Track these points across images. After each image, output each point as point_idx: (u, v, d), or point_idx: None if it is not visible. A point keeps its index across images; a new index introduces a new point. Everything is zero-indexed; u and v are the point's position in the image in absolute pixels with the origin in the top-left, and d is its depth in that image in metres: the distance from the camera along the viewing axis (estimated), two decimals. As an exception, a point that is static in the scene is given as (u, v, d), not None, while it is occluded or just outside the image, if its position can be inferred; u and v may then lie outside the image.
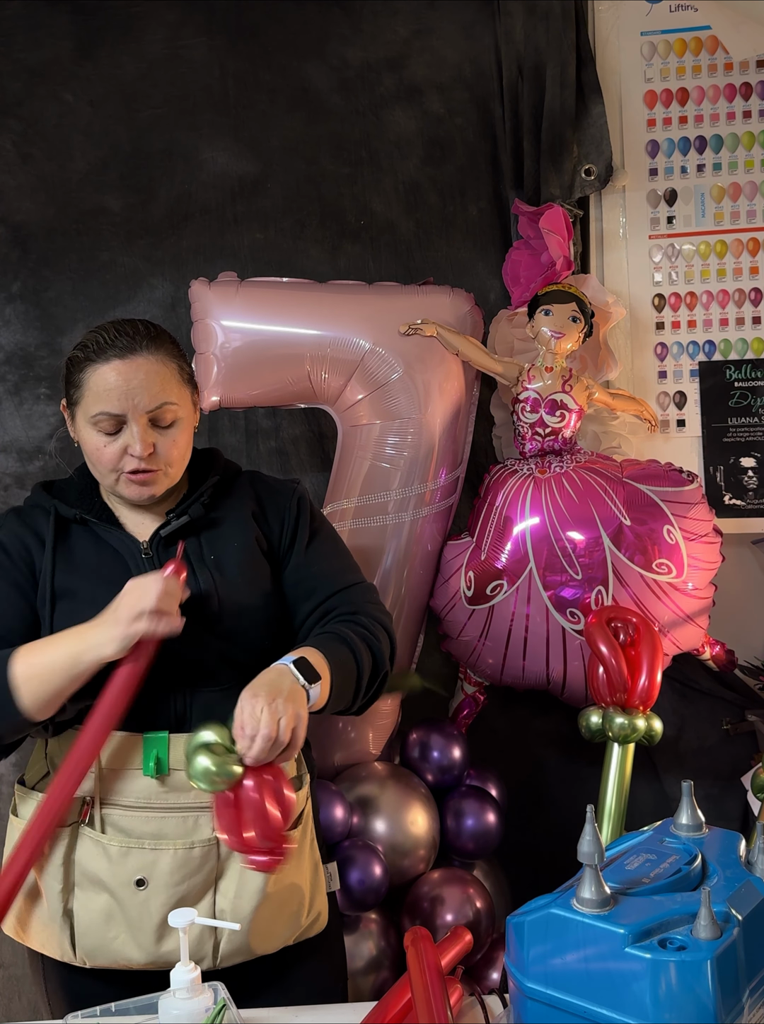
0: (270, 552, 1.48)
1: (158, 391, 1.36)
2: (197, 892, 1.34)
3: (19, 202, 2.24)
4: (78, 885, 1.36)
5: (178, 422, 1.40)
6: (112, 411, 1.35)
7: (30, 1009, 2.26)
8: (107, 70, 2.25)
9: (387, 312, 1.98)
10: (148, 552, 1.40)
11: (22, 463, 2.25)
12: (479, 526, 2.07)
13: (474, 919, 1.91)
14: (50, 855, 1.36)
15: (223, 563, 1.42)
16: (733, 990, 0.88)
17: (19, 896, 1.41)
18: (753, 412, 2.24)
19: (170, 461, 1.40)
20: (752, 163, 2.25)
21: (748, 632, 2.24)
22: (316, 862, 1.48)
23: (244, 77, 2.27)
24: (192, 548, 1.41)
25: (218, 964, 1.35)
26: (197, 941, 1.34)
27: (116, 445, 1.37)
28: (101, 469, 1.40)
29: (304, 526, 1.50)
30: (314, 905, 1.45)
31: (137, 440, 1.35)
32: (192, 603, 1.36)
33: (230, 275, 2.04)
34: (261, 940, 1.38)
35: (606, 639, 1.84)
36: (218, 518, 1.45)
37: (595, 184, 2.20)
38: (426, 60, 2.28)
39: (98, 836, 1.34)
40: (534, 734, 2.30)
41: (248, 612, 1.41)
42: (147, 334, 1.39)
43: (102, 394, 1.35)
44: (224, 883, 1.35)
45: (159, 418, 1.38)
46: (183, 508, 1.43)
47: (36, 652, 1.30)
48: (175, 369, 1.41)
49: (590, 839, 0.94)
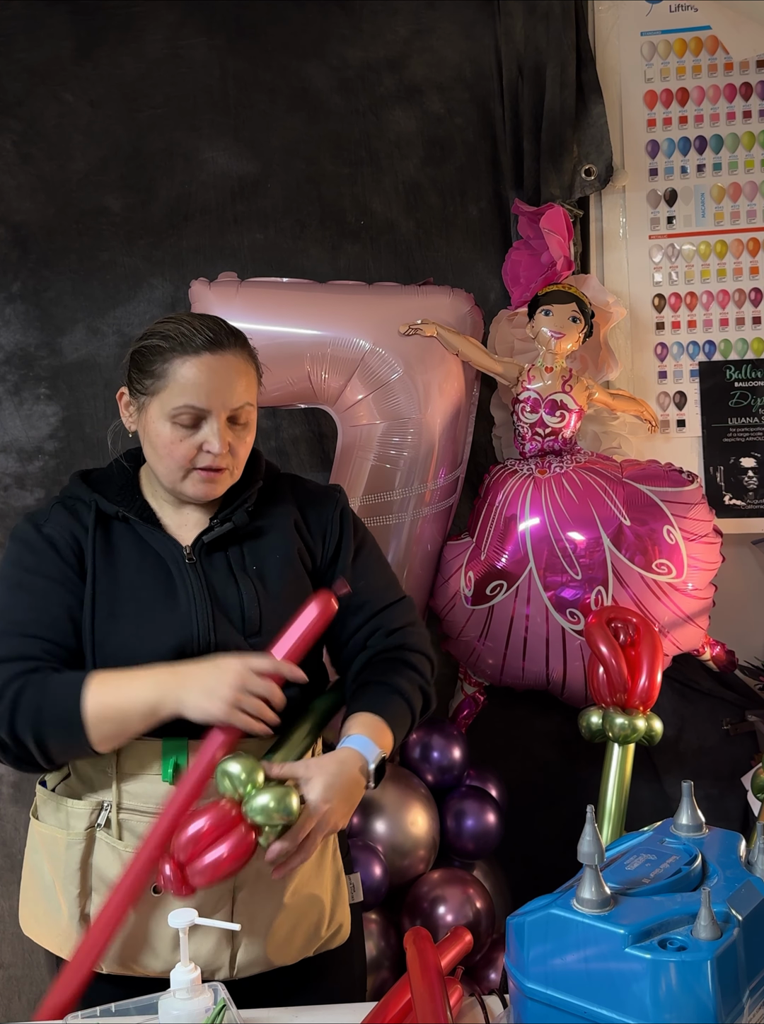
0: (312, 564, 1.45)
1: (243, 390, 1.35)
2: (214, 901, 1.32)
3: (19, 202, 2.24)
4: (95, 890, 1.34)
5: (250, 424, 1.39)
6: (198, 405, 1.31)
7: (30, 1009, 2.26)
8: (107, 70, 2.25)
9: (387, 312, 1.98)
10: (192, 558, 1.37)
11: (22, 463, 2.25)
12: (479, 526, 2.07)
13: (474, 919, 1.91)
14: (66, 859, 1.35)
15: (265, 573, 1.39)
16: (733, 990, 0.88)
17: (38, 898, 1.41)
18: (753, 412, 2.24)
19: (238, 462, 1.38)
20: (752, 163, 2.25)
21: (748, 632, 2.24)
22: (338, 872, 1.46)
23: (244, 77, 2.27)
24: (234, 556, 1.39)
25: (235, 974, 1.33)
26: (214, 951, 1.32)
27: (192, 440, 1.33)
28: (170, 464, 1.35)
29: (348, 540, 1.47)
30: (335, 917, 1.43)
31: (217, 437, 1.32)
32: (231, 612, 1.35)
33: (230, 275, 2.04)
34: (279, 951, 1.36)
35: (606, 639, 1.83)
36: (261, 527, 1.42)
37: (595, 184, 2.20)
38: (426, 60, 2.28)
39: (114, 842, 1.33)
40: (534, 734, 2.30)
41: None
42: (231, 331, 1.37)
43: (189, 388, 1.31)
44: (242, 893, 1.33)
45: (238, 417, 1.36)
46: (227, 514, 1.40)
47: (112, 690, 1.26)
48: (255, 370, 1.40)
49: (590, 839, 0.94)
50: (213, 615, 1.34)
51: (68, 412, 2.24)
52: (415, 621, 1.49)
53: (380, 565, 1.52)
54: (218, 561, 1.38)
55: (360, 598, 1.44)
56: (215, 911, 1.32)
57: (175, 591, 1.34)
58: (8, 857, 2.26)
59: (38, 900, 1.42)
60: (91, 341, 2.25)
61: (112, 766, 1.33)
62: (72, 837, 1.35)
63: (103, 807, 1.34)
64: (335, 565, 1.46)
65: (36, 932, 1.44)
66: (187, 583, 1.35)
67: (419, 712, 1.40)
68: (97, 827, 1.34)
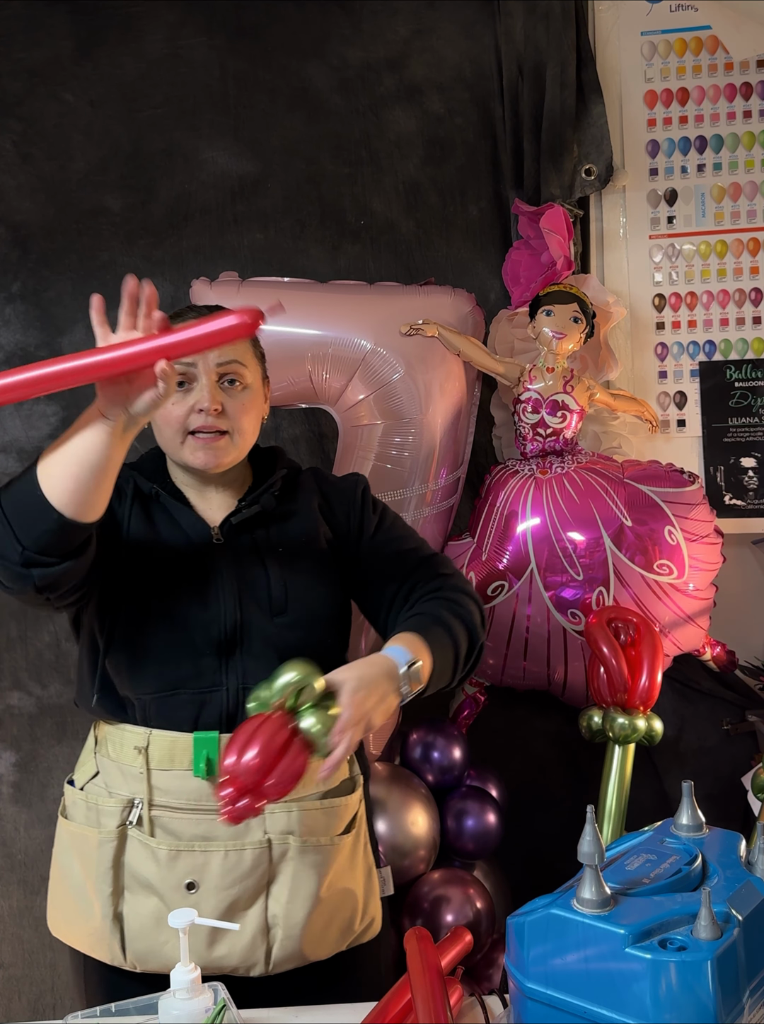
0: (338, 545, 1.46)
1: (229, 348, 1.35)
2: (248, 896, 1.32)
3: (19, 202, 2.24)
4: (127, 889, 1.34)
5: (248, 390, 1.40)
6: (184, 360, 1.33)
7: (30, 1009, 2.26)
8: (107, 70, 2.25)
9: (388, 312, 1.98)
10: (219, 538, 1.39)
11: (22, 463, 2.24)
12: (480, 527, 2.07)
13: (474, 919, 1.91)
14: (98, 858, 1.34)
15: (292, 556, 1.40)
16: (733, 990, 0.88)
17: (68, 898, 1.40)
18: (753, 412, 2.24)
19: (238, 427, 1.38)
20: (752, 163, 2.25)
21: (749, 632, 2.24)
22: (370, 866, 1.46)
23: (244, 77, 2.27)
24: (261, 539, 1.40)
25: (270, 970, 1.33)
26: (249, 947, 1.32)
27: (185, 403, 1.35)
28: (168, 432, 1.38)
29: (369, 513, 1.49)
30: (368, 910, 1.44)
31: (206, 392, 1.34)
32: (258, 592, 1.36)
33: (231, 275, 2.04)
34: (314, 946, 1.36)
35: (607, 639, 1.83)
36: (287, 511, 1.44)
37: (595, 184, 2.20)
38: (426, 60, 2.28)
39: (147, 839, 1.32)
40: (534, 734, 2.30)
41: (315, 607, 1.39)
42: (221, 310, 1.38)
43: None
44: (276, 888, 1.33)
45: (230, 375, 1.37)
46: (254, 497, 1.41)
47: (53, 448, 1.21)
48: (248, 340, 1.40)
49: (590, 839, 0.94)
50: (239, 595, 1.35)
51: (68, 412, 2.24)
52: (454, 572, 1.47)
53: (407, 531, 1.52)
54: (245, 542, 1.39)
55: (394, 561, 1.45)
56: (249, 906, 1.32)
57: (202, 570, 1.36)
58: (8, 857, 2.26)
59: (68, 900, 1.41)
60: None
61: (142, 761, 1.33)
62: (104, 835, 1.34)
63: (134, 804, 1.34)
64: (361, 538, 1.47)
65: (65, 933, 1.43)
66: (215, 563, 1.37)
67: (464, 644, 1.35)
68: (128, 825, 1.34)
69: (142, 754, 1.33)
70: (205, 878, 1.31)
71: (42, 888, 2.25)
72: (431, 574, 1.43)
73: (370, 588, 1.46)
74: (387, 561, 1.45)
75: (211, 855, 1.31)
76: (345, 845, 1.39)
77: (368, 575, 1.46)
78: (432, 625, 1.34)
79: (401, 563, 1.45)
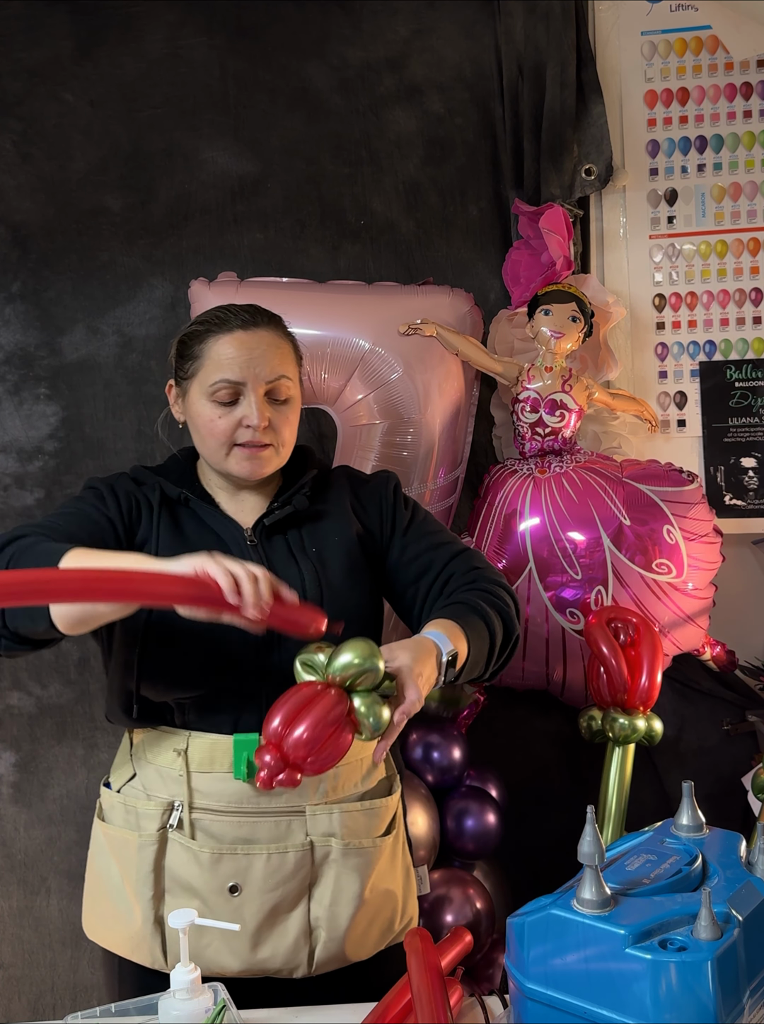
0: (371, 543, 1.46)
1: (277, 363, 1.38)
2: (291, 899, 1.32)
3: (19, 202, 2.24)
4: (169, 892, 1.34)
5: (291, 401, 1.41)
6: (232, 378, 1.35)
7: (30, 1009, 2.26)
8: (107, 70, 2.25)
9: (387, 312, 1.98)
10: (253, 540, 1.39)
11: (22, 463, 2.24)
12: (479, 526, 2.07)
13: (474, 919, 1.91)
14: (139, 862, 1.34)
15: (325, 556, 1.40)
16: (733, 991, 0.88)
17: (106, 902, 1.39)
18: (753, 412, 2.24)
19: (282, 440, 1.40)
20: (752, 163, 2.25)
21: (748, 632, 2.24)
22: (407, 866, 1.47)
23: (244, 77, 2.27)
24: (294, 540, 1.41)
25: (313, 971, 1.33)
26: (292, 949, 1.32)
27: (231, 417, 1.36)
28: (212, 443, 1.38)
29: (401, 508, 1.50)
30: (407, 910, 1.44)
31: (254, 410, 1.35)
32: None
33: (230, 275, 2.04)
34: (356, 947, 1.36)
35: (606, 639, 1.83)
36: (319, 511, 1.45)
37: (595, 184, 2.20)
38: (426, 60, 2.28)
39: (188, 842, 1.32)
40: (534, 734, 2.30)
41: (349, 606, 1.38)
42: (267, 313, 1.42)
43: (223, 362, 1.35)
44: (318, 890, 1.33)
45: (276, 391, 1.38)
46: (287, 498, 1.42)
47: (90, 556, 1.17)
48: (291, 348, 1.43)
49: (590, 840, 0.94)
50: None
51: (68, 412, 2.24)
52: (488, 565, 1.47)
53: (438, 526, 1.52)
54: (278, 544, 1.40)
55: (428, 555, 1.44)
56: (292, 908, 1.32)
57: None
58: (8, 857, 2.26)
59: (106, 904, 1.41)
60: (91, 341, 2.25)
61: (182, 764, 1.32)
62: (144, 839, 1.34)
63: (174, 807, 1.33)
64: (393, 535, 1.47)
65: (104, 937, 1.42)
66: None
67: (499, 632, 1.34)
68: (169, 828, 1.33)
69: (181, 756, 1.33)
70: (248, 881, 1.31)
71: (41, 888, 2.26)
72: (465, 567, 1.42)
73: (404, 584, 1.45)
74: (420, 557, 1.45)
75: (254, 858, 1.31)
76: (386, 846, 1.39)
77: (401, 571, 1.45)
78: (469, 614, 1.33)
79: (435, 558, 1.44)
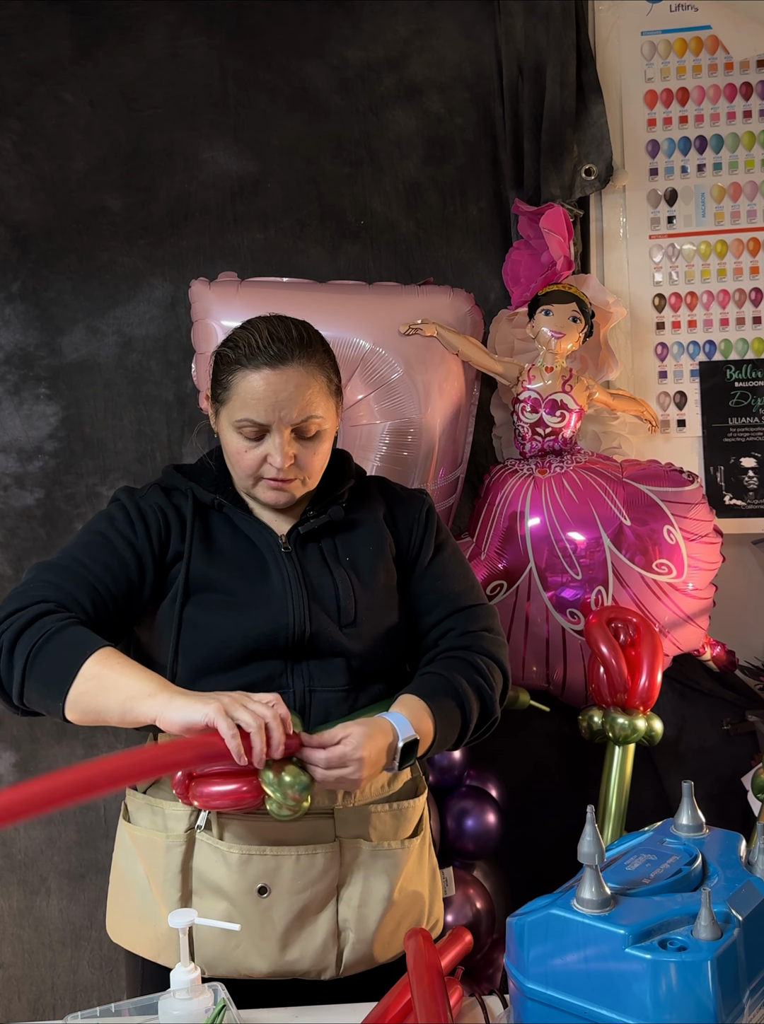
0: (399, 558, 1.46)
1: (305, 404, 1.34)
2: (320, 900, 1.32)
3: (19, 202, 2.24)
4: (196, 893, 1.33)
5: (321, 434, 1.38)
6: (257, 420, 1.33)
7: (30, 1009, 2.26)
8: (107, 70, 2.25)
9: (387, 312, 1.98)
10: (287, 547, 1.39)
11: (22, 463, 2.25)
12: (479, 526, 2.07)
13: (474, 919, 1.91)
14: (166, 863, 1.33)
15: (359, 565, 1.40)
16: (733, 991, 0.88)
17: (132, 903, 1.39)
18: (753, 412, 2.24)
19: (309, 472, 1.38)
20: (752, 163, 2.25)
21: (748, 632, 2.24)
22: (434, 868, 1.46)
23: (244, 77, 2.27)
24: (328, 548, 1.41)
25: (341, 973, 1.33)
26: (320, 951, 1.32)
27: (257, 452, 1.35)
28: (240, 472, 1.39)
29: (431, 537, 1.48)
30: (433, 911, 1.44)
31: (278, 452, 1.34)
32: (327, 602, 1.35)
33: (230, 275, 2.04)
34: (384, 948, 1.36)
35: (606, 639, 1.83)
36: (353, 520, 1.44)
37: (595, 184, 2.20)
38: (426, 60, 2.28)
39: (217, 843, 1.31)
40: (534, 734, 2.30)
41: (381, 616, 1.39)
42: (300, 341, 1.36)
43: (249, 401, 1.33)
44: (347, 891, 1.33)
45: (303, 430, 1.36)
46: (322, 507, 1.42)
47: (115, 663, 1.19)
48: (324, 382, 1.38)
49: (590, 839, 0.94)
50: (309, 604, 1.34)
51: (68, 412, 2.24)
52: (493, 628, 1.45)
53: (462, 569, 1.50)
54: (312, 552, 1.39)
55: (436, 596, 1.43)
56: (320, 909, 1.32)
57: (270, 579, 1.35)
58: (8, 857, 2.26)
59: (131, 906, 1.40)
60: (91, 341, 2.25)
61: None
62: (171, 840, 1.33)
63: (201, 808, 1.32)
64: (417, 562, 1.46)
65: (129, 939, 1.41)
66: (283, 571, 1.36)
67: (474, 717, 1.34)
68: (197, 829, 1.33)
69: None
70: (277, 882, 1.30)
71: (41, 888, 2.26)
72: (465, 627, 1.41)
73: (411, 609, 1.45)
74: (435, 592, 1.44)
75: (283, 859, 1.30)
76: (413, 848, 1.39)
77: (413, 598, 1.45)
78: (444, 696, 1.32)
79: (446, 599, 1.43)
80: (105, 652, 1.21)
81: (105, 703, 1.18)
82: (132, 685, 1.17)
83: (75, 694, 1.19)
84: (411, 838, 1.39)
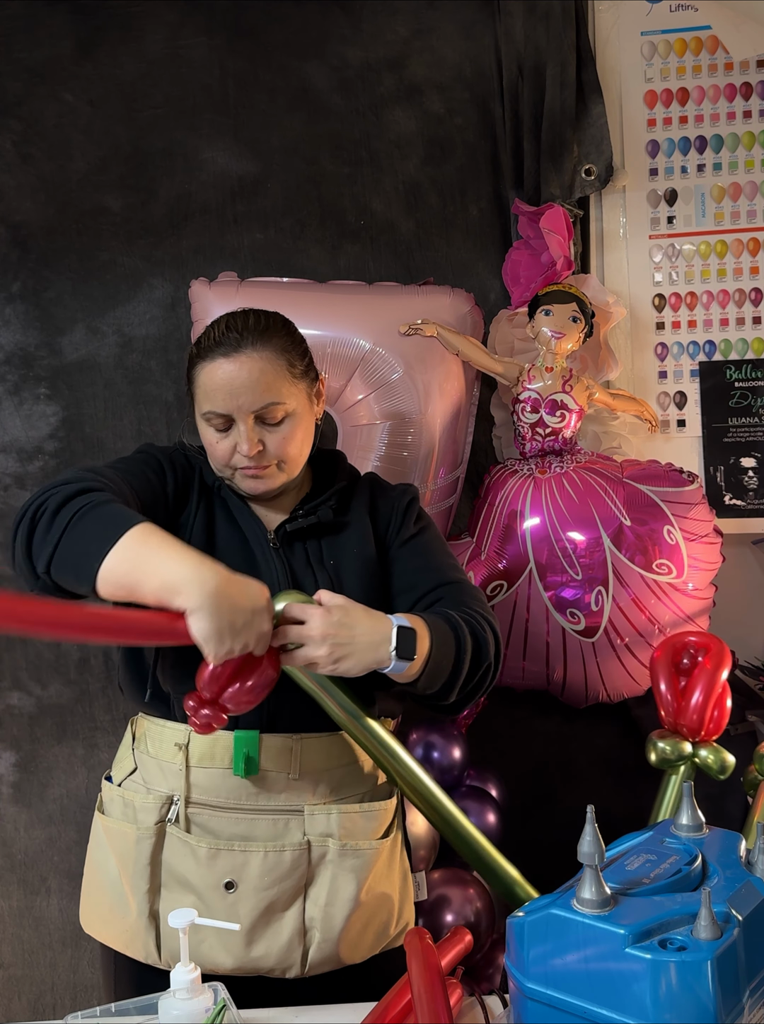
0: (381, 550, 1.46)
1: (263, 391, 1.35)
2: (287, 898, 1.32)
3: (19, 202, 2.24)
4: (165, 886, 1.34)
5: (289, 418, 1.38)
6: (218, 410, 1.35)
7: (30, 1009, 2.26)
8: (107, 70, 2.25)
9: (387, 312, 1.98)
10: (275, 544, 1.40)
11: (22, 463, 2.25)
12: (479, 526, 2.07)
13: (474, 919, 1.91)
14: (136, 855, 1.34)
15: (342, 569, 1.40)
16: (733, 990, 0.88)
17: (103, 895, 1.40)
18: (753, 412, 2.24)
19: (282, 457, 1.38)
20: (752, 163, 2.25)
21: (748, 632, 2.24)
22: (405, 871, 1.46)
23: (244, 77, 2.27)
24: (313, 550, 1.41)
25: (306, 972, 1.33)
26: (285, 949, 1.32)
27: (227, 443, 1.37)
28: (215, 464, 1.41)
29: (409, 521, 1.48)
30: (403, 915, 1.44)
31: (243, 439, 1.35)
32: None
33: (230, 275, 2.04)
34: (350, 949, 1.36)
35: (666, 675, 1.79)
36: (341, 523, 1.44)
37: (595, 184, 2.20)
38: (426, 60, 2.28)
39: (185, 836, 1.32)
40: (534, 734, 2.30)
41: None
42: (256, 328, 1.37)
43: (210, 393, 1.35)
44: (314, 890, 1.33)
45: (267, 416, 1.36)
46: (312, 507, 1.42)
47: (154, 537, 1.16)
48: (284, 365, 1.37)
49: (590, 839, 0.94)
50: None
51: (68, 412, 2.25)
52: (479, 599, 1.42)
53: (441, 550, 1.49)
54: (298, 551, 1.40)
55: (412, 576, 1.42)
56: (287, 907, 1.32)
57: (258, 572, 1.35)
58: (8, 857, 2.26)
59: (102, 897, 1.41)
60: (91, 341, 2.25)
61: (182, 758, 1.33)
62: (142, 832, 1.34)
63: (173, 801, 1.34)
64: (394, 542, 1.46)
65: (99, 930, 1.42)
66: (271, 566, 1.37)
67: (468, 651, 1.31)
68: (168, 822, 1.33)
69: (182, 751, 1.33)
70: (244, 878, 1.31)
71: (41, 888, 2.26)
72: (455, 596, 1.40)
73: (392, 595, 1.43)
74: (413, 572, 1.43)
75: (250, 855, 1.31)
76: (384, 849, 1.39)
77: (392, 580, 1.44)
78: (440, 621, 1.31)
79: (426, 577, 1.42)
80: (147, 526, 1.17)
81: (128, 588, 1.15)
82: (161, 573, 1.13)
83: (103, 577, 1.14)
84: (381, 839, 1.39)
